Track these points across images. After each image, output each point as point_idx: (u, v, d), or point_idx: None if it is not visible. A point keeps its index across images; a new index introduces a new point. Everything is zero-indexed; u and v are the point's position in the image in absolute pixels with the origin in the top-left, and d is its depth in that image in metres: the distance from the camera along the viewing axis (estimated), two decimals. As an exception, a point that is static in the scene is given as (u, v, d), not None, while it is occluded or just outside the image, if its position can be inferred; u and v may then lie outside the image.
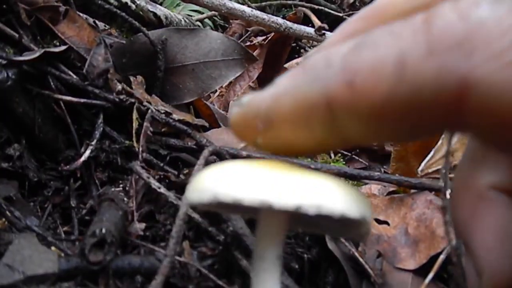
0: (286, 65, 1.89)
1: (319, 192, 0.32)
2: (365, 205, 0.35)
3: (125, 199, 0.82)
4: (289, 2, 3.07)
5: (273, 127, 0.34)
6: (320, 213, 0.32)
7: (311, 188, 0.33)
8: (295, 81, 0.34)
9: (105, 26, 1.19)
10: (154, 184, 0.81)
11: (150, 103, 0.97)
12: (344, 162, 1.20)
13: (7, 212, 0.77)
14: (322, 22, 1.83)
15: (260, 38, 1.71)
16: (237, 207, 0.36)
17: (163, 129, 0.97)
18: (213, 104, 1.34)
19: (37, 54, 0.87)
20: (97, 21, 1.16)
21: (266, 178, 0.33)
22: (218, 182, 0.34)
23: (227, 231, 0.75)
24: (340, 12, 2.97)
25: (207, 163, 0.82)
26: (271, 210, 0.32)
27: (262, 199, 0.32)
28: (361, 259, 0.79)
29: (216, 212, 0.75)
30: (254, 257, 0.38)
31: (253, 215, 0.41)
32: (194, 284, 0.72)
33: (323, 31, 1.73)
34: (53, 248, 0.73)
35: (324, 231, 0.63)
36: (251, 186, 0.32)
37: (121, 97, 0.93)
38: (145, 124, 0.91)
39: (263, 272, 0.37)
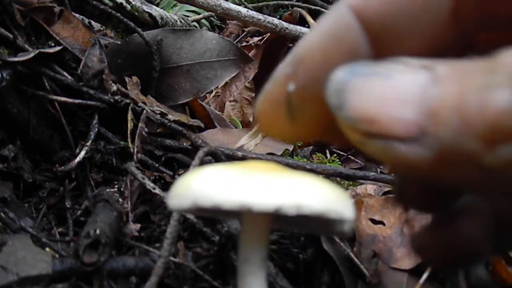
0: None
1: (298, 193, 0.32)
2: (346, 203, 0.35)
3: (120, 200, 0.82)
4: (286, 2, 3.07)
5: (304, 65, 0.35)
6: (300, 214, 0.32)
7: (291, 188, 0.33)
8: None
9: (100, 26, 1.19)
10: (149, 185, 0.81)
11: (145, 103, 0.96)
12: (339, 162, 1.21)
13: (1, 214, 0.77)
14: (318, 23, 1.82)
15: (256, 39, 1.71)
16: (219, 211, 0.36)
17: (158, 130, 0.97)
18: (209, 105, 1.34)
19: (31, 55, 0.87)
20: (92, 22, 1.16)
21: (245, 181, 0.33)
22: (197, 188, 0.34)
23: (222, 232, 0.75)
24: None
25: (202, 163, 0.82)
26: (252, 213, 0.32)
27: (241, 203, 0.32)
28: (356, 259, 0.79)
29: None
30: (238, 260, 0.38)
31: (237, 217, 0.41)
32: (188, 284, 0.72)
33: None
34: (47, 249, 0.73)
35: (308, 229, 0.63)
36: (230, 190, 0.32)
37: (116, 97, 0.93)
38: (140, 124, 0.91)
39: (248, 275, 0.37)
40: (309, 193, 0.33)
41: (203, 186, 0.34)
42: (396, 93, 0.28)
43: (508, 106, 0.25)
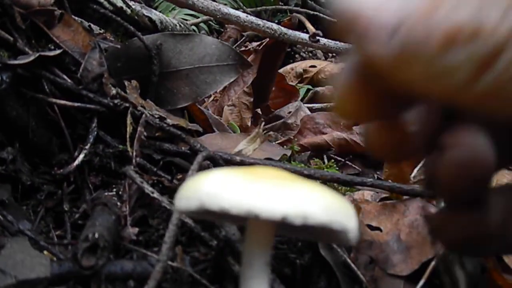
0: (280, 71, 1.90)
1: (305, 203, 0.33)
2: (350, 215, 0.35)
3: (118, 203, 0.82)
4: (284, 7, 3.08)
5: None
6: (306, 224, 0.32)
7: (297, 198, 0.33)
8: None
9: (100, 30, 1.19)
10: (148, 188, 0.81)
11: (144, 107, 0.97)
12: (337, 168, 1.21)
13: (0, 216, 0.77)
14: (317, 28, 1.83)
15: (255, 44, 1.72)
16: (224, 215, 0.36)
17: (157, 134, 0.97)
18: (208, 109, 1.35)
19: (31, 58, 0.87)
20: (92, 25, 1.16)
21: (252, 187, 0.33)
22: (205, 191, 0.34)
23: (220, 236, 0.75)
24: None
25: (201, 168, 0.83)
26: (259, 220, 0.32)
27: (248, 209, 0.32)
28: (353, 265, 0.80)
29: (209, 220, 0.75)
30: (242, 264, 0.38)
31: (241, 222, 0.41)
32: (186, 289, 0.72)
33: (317, 38, 1.74)
34: (45, 252, 0.73)
35: (312, 237, 0.63)
36: (238, 196, 0.33)
37: (116, 101, 0.93)
38: (139, 128, 0.91)
39: (251, 279, 0.38)
40: (315, 204, 0.33)
41: (211, 190, 0.34)
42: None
43: (468, 20, 0.30)
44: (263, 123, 1.08)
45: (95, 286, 0.69)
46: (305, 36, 1.75)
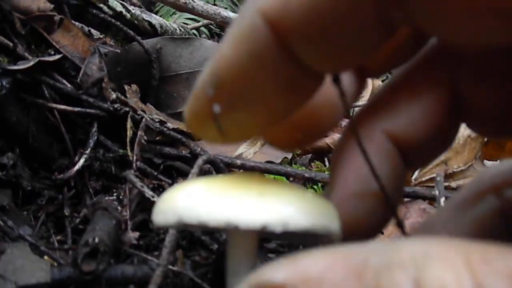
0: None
1: (284, 210, 0.32)
2: (332, 218, 0.35)
3: (119, 208, 0.82)
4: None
5: (226, 87, 0.32)
6: (287, 230, 0.32)
7: (277, 205, 0.33)
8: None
9: (100, 35, 1.19)
10: (148, 193, 0.81)
11: (144, 111, 0.97)
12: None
13: (0, 222, 0.77)
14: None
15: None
16: (204, 227, 0.36)
17: (157, 138, 0.97)
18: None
19: (31, 63, 0.87)
20: (92, 30, 1.16)
21: (230, 198, 0.33)
22: (182, 205, 0.33)
23: (220, 240, 0.75)
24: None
25: (201, 171, 0.82)
26: (239, 233, 0.32)
27: (227, 221, 0.32)
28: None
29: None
30: (227, 273, 0.38)
31: (223, 231, 0.41)
32: (187, 293, 0.72)
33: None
34: (46, 257, 0.73)
35: (295, 241, 0.62)
36: (215, 208, 0.32)
37: (116, 105, 0.93)
38: (139, 133, 0.91)
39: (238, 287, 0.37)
40: (295, 210, 0.33)
41: (187, 203, 0.34)
42: None
43: None
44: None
45: (95, 291, 0.69)
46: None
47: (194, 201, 0.33)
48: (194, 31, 2.21)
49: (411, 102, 0.39)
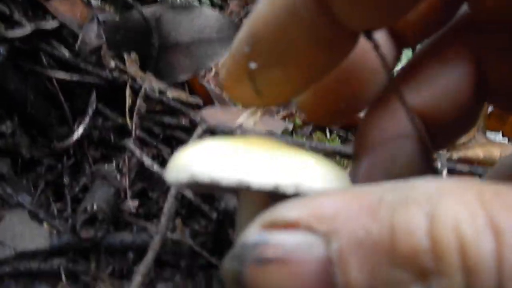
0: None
1: (297, 171, 0.32)
2: (345, 182, 0.34)
3: (118, 176, 0.82)
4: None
5: (262, 44, 0.33)
6: (299, 192, 0.31)
7: (290, 166, 0.32)
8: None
9: (98, 2, 1.17)
10: (147, 161, 0.81)
11: (144, 80, 0.96)
12: (339, 141, 1.20)
13: (-1, 189, 0.77)
14: None
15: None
16: (216, 187, 0.36)
17: (157, 107, 0.96)
18: (209, 83, 1.33)
19: (28, 31, 0.86)
20: (90, -3, 1.14)
21: (244, 157, 0.32)
22: (196, 162, 0.33)
23: (219, 209, 0.74)
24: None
25: (201, 141, 0.82)
26: (251, 190, 0.32)
27: (239, 179, 0.31)
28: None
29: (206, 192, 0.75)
30: (236, 236, 0.38)
31: (234, 194, 0.40)
32: (186, 261, 0.72)
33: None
34: (45, 224, 0.73)
35: None
36: (228, 166, 0.32)
37: (114, 74, 0.92)
38: (138, 101, 0.90)
39: None
40: (308, 172, 0.32)
41: (201, 160, 0.33)
42: (297, 282, 0.25)
43: None
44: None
45: (94, 258, 0.69)
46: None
47: (207, 159, 0.33)
48: (195, 2, 2.18)
49: (436, 78, 0.38)
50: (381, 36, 0.37)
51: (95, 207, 0.69)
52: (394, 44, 0.39)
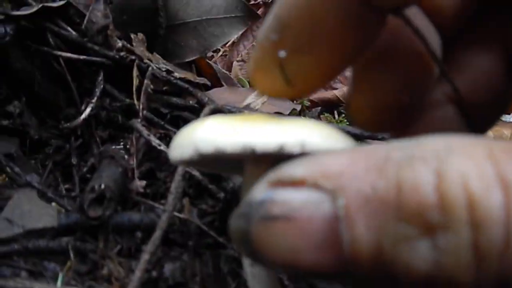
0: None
1: (301, 131, 0.32)
2: (349, 140, 0.34)
3: (126, 156, 0.82)
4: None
5: (290, 30, 0.32)
6: (304, 152, 0.31)
7: (293, 128, 0.32)
8: None
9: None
10: (155, 141, 0.80)
11: (151, 60, 0.95)
12: (348, 123, 1.19)
13: (7, 168, 0.77)
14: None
15: (265, -3, 1.67)
16: (222, 161, 0.35)
17: (164, 87, 0.96)
18: (216, 64, 1.33)
19: (34, 9, 0.85)
20: (97, -23, 1.13)
21: (247, 125, 0.32)
22: (199, 134, 0.33)
23: (227, 189, 0.74)
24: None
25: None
26: (256, 155, 0.31)
27: (244, 144, 0.31)
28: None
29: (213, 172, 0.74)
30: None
31: (239, 172, 0.40)
32: (194, 240, 0.72)
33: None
34: (53, 204, 0.73)
35: None
36: (232, 134, 0.31)
37: (122, 54, 0.92)
38: (145, 82, 0.90)
39: None
40: (312, 131, 0.32)
41: (204, 132, 0.33)
42: (304, 239, 0.25)
43: (433, 270, 0.23)
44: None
45: (102, 237, 0.69)
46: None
47: (210, 130, 0.32)
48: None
49: (471, 63, 0.38)
50: (423, 22, 0.37)
51: (102, 186, 0.69)
52: (436, 30, 0.38)
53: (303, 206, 0.25)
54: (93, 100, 0.89)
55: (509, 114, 1.22)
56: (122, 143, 0.86)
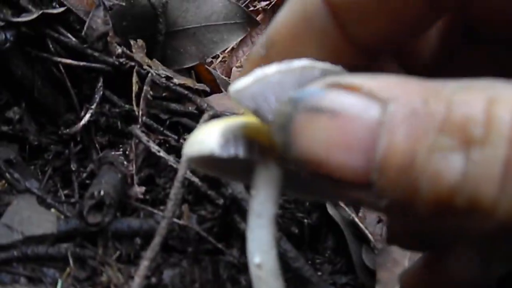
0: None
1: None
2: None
3: (125, 162, 0.82)
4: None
5: (277, 47, 0.37)
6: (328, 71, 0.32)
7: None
8: None
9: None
10: (154, 148, 0.81)
11: (150, 67, 0.95)
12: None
13: (7, 174, 0.77)
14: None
15: (264, 3, 1.68)
16: (233, 164, 0.36)
17: (163, 94, 0.96)
18: (216, 70, 1.33)
19: (34, 16, 0.86)
20: (97, -16, 1.14)
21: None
22: (216, 126, 0.35)
23: (226, 195, 0.74)
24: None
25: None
26: (267, 167, 0.32)
27: (255, 106, 0.32)
28: (361, 224, 0.79)
29: (216, 176, 0.74)
30: (250, 214, 0.38)
31: (248, 177, 0.40)
32: (193, 246, 0.72)
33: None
34: (52, 210, 0.73)
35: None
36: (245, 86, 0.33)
37: (121, 60, 0.92)
38: (145, 88, 0.90)
39: (259, 228, 0.37)
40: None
41: (220, 125, 0.36)
42: (343, 136, 0.26)
43: (460, 181, 0.24)
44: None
45: (102, 243, 0.69)
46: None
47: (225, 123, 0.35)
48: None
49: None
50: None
51: (102, 192, 0.69)
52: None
53: (352, 107, 0.26)
54: (93, 106, 0.89)
55: None
56: (121, 149, 0.86)
